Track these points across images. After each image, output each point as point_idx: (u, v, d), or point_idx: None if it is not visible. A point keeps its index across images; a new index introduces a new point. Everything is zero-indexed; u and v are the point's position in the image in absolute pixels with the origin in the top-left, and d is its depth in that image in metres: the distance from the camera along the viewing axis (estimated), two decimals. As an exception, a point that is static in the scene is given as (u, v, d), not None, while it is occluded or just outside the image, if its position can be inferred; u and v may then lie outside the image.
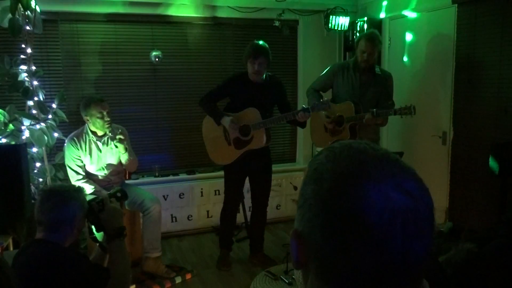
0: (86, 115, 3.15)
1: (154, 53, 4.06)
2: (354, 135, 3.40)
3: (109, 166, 3.30)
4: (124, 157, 3.25)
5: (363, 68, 3.39)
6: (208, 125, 3.40)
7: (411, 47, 4.10)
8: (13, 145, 3.04)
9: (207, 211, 4.35)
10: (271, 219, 3.97)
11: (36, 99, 3.30)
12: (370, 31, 3.52)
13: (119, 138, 3.11)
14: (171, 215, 4.21)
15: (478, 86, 3.43)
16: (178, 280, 3.29)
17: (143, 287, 3.15)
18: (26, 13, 3.18)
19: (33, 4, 3.17)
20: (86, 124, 3.22)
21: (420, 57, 4.02)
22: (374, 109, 3.17)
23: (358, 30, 4.31)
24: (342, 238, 0.52)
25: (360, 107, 3.35)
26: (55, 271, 1.61)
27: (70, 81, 3.96)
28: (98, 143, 3.23)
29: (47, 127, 3.29)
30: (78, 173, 3.20)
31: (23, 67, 3.29)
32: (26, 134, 3.22)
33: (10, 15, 3.08)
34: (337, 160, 0.56)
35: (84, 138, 3.21)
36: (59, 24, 3.84)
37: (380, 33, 3.78)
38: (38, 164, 3.33)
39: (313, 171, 0.58)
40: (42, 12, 3.39)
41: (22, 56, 3.30)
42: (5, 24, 3.12)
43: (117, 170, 3.36)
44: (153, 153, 4.30)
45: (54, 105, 3.48)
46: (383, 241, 0.50)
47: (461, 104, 3.59)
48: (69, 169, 3.22)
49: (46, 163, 3.34)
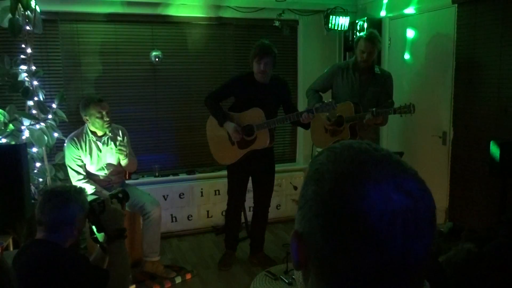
0: (85, 115, 3.15)
1: (154, 53, 4.07)
2: (354, 135, 3.39)
3: (109, 166, 3.30)
4: (123, 162, 3.27)
5: (362, 68, 3.39)
6: (212, 124, 3.39)
7: (411, 47, 4.10)
8: (13, 145, 3.04)
9: (207, 211, 4.35)
10: (271, 219, 3.97)
11: (36, 99, 3.31)
12: (369, 31, 3.52)
13: (119, 149, 3.16)
14: (171, 215, 4.21)
15: (478, 86, 3.43)
16: (178, 280, 3.30)
17: (143, 287, 3.16)
18: (26, 13, 3.18)
19: (33, 4, 3.17)
20: (86, 124, 3.22)
21: (420, 57, 4.02)
22: (374, 109, 3.17)
23: (358, 30, 4.31)
24: (343, 238, 0.52)
25: (360, 107, 3.35)
26: (55, 271, 1.61)
27: (70, 81, 3.96)
28: (98, 143, 3.23)
29: (47, 127, 3.29)
30: (79, 173, 3.20)
31: (23, 67, 3.30)
32: (26, 134, 3.23)
33: (10, 15, 3.08)
34: (338, 160, 0.56)
35: (84, 138, 3.21)
36: (59, 24, 3.84)
37: (380, 33, 3.78)
38: (38, 164, 3.33)
39: (313, 171, 0.58)
40: (42, 12, 3.39)
41: (22, 56, 3.31)
42: (5, 24, 3.13)
43: (117, 170, 3.36)
44: (153, 153, 4.30)
45: (54, 105, 3.48)
46: (383, 242, 0.50)
47: (461, 104, 3.59)
48: (69, 169, 3.22)
49: (46, 163, 3.35)
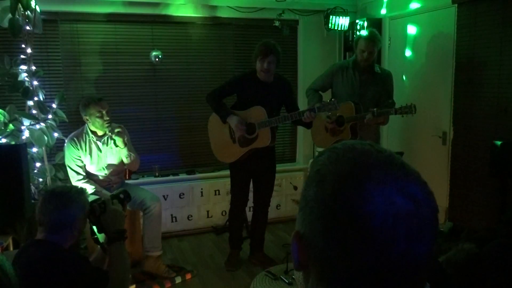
0: (85, 115, 3.14)
1: (154, 53, 4.06)
2: (355, 135, 3.39)
3: (109, 166, 3.29)
4: (123, 152, 3.18)
5: (362, 68, 3.39)
6: (214, 122, 3.39)
7: (411, 47, 4.10)
8: (13, 145, 3.04)
9: (207, 211, 4.35)
10: (271, 219, 3.97)
11: (36, 99, 3.31)
12: (369, 30, 3.52)
13: (117, 131, 3.08)
14: (171, 215, 4.21)
15: (478, 86, 3.43)
16: (178, 280, 3.29)
17: (143, 287, 3.16)
18: (26, 13, 3.18)
19: (33, 4, 3.17)
20: (86, 124, 3.21)
21: (420, 57, 4.02)
22: (375, 109, 3.17)
23: (358, 30, 4.31)
24: (344, 241, 0.51)
25: (361, 107, 3.34)
26: (55, 271, 1.61)
27: (70, 81, 3.96)
28: (98, 143, 3.22)
29: (47, 127, 3.29)
30: (78, 173, 3.20)
31: (23, 67, 3.29)
32: (26, 134, 3.22)
33: (10, 15, 3.08)
34: (339, 162, 0.55)
35: (84, 138, 3.20)
36: (59, 24, 3.84)
37: (380, 33, 3.77)
38: (38, 164, 3.33)
39: (315, 172, 0.57)
40: (42, 12, 3.39)
41: (22, 56, 3.30)
42: (5, 24, 3.12)
43: (117, 170, 3.35)
44: (153, 153, 4.30)
45: (54, 105, 3.48)
46: (386, 245, 0.50)
47: (461, 104, 3.59)
48: (69, 170, 3.21)
49: (46, 163, 3.34)
